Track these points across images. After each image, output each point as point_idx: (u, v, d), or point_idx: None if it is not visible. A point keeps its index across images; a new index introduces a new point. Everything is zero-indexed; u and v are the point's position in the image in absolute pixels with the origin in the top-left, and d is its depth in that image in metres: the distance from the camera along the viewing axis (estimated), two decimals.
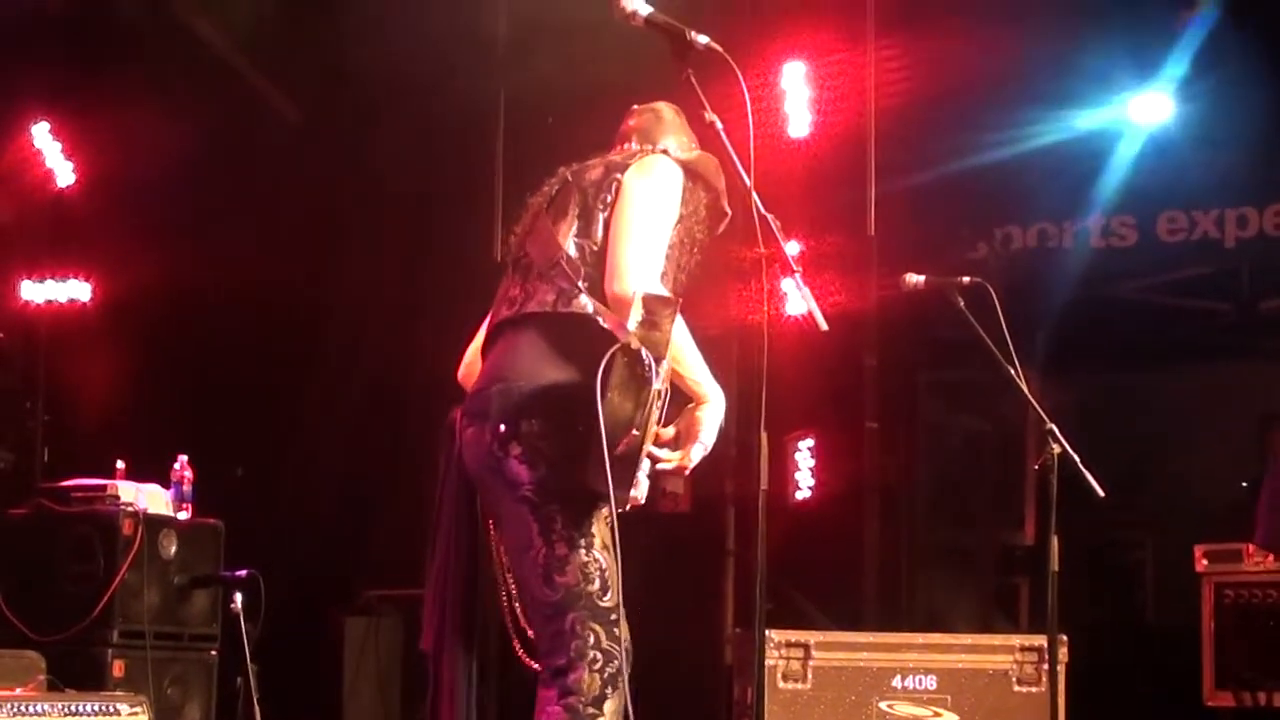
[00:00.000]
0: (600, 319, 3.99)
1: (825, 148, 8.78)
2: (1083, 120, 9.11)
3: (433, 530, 4.22)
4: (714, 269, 4.41)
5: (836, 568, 8.79)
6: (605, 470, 3.81)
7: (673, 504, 8.75)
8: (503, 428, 3.98)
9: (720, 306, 8.26)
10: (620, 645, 3.98)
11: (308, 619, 8.21)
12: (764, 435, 4.00)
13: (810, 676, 6.56)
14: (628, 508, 4.07)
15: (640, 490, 4.06)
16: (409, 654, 8.07)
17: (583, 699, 3.94)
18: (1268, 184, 9.12)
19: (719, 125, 4.10)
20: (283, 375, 9.37)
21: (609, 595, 3.99)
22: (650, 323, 3.85)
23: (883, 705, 6.57)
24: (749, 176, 4.12)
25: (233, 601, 7.03)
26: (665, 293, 4.00)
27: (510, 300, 4.19)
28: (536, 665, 4.07)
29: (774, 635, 6.50)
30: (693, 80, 4.07)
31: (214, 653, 7.11)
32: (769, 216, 4.14)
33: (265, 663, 7.08)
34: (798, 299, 4.57)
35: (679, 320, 4.10)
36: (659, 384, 3.83)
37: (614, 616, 3.98)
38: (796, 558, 8.01)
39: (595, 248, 4.09)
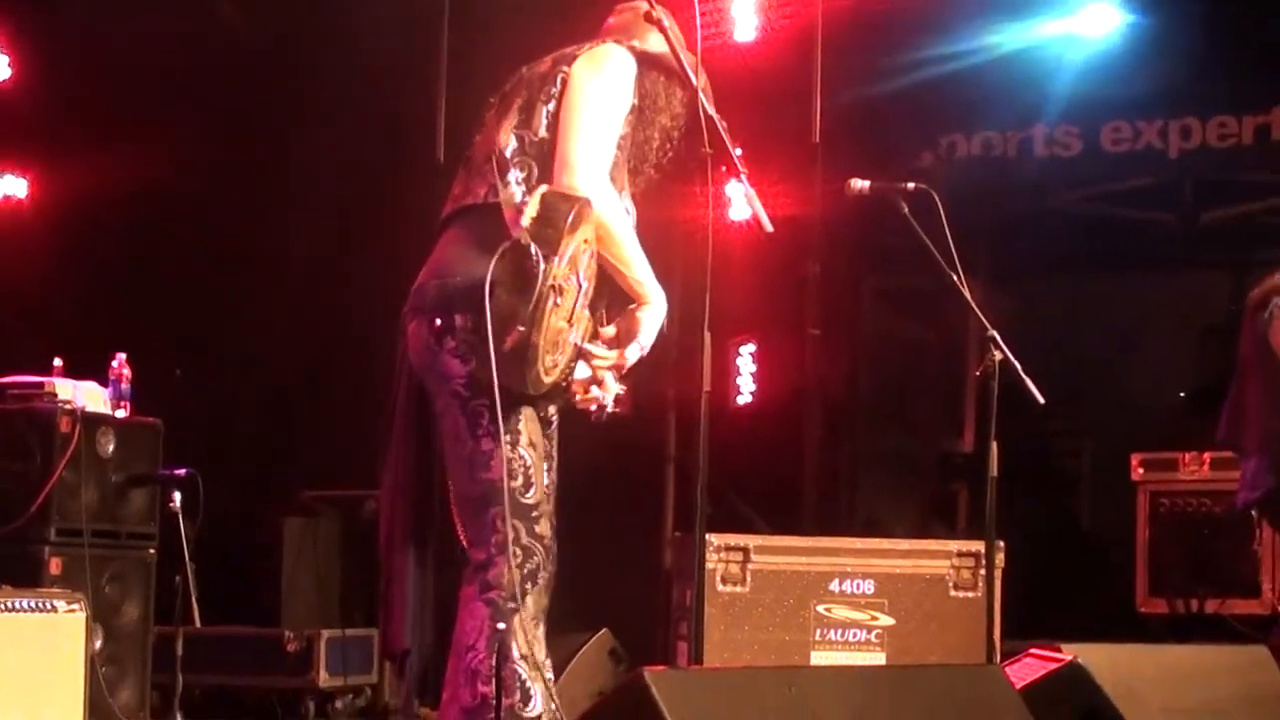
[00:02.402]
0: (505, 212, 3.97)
1: (771, 53, 8.71)
2: (1029, 31, 9.09)
3: (386, 427, 4.22)
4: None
5: (777, 473, 8.82)
6: (491, 365, 3.81)
7: (614, 406, 8.72)
8: (438, 322, 4.01)
9: (663, 207, 8.21)
10: (541, 543, 4.00)
11: (246, 519, 8.19)
12: (708, 335, 3.99)
13: (749, 580, 6.58)
14: (605, 416, 4.10)
15: (609, 394, 4.08)
16: (347, 554, 8.08)
17: (503, 593, 3.96)
18: (1211, 95, 9.14)
19: (666, 22, 4.07)
20: (222, 274, 9.28)
21: (532, 492, 4.01)
22: (544, 219, 3.82)
23: (820, 609, 6.61)
24: (696, 77, 4.10)
25: (171, 500, 6.98)
26: (607, 187, 3.98)
27: (454, 197, 4.20)
28: None
29: (713, 539, 6.51)
30: None
31: (152, 551, 7.06)
32: (716, 118, 4.12)
33: (203, 562, 7.05)
34: (742, 203, 4.55)
35: (626, 220, 4.08)
36: (559, 277, 3.79)
37: (535, 514, 4.01)
38: (737, 462, 8.01)
39: (535, 138, 4.06)
